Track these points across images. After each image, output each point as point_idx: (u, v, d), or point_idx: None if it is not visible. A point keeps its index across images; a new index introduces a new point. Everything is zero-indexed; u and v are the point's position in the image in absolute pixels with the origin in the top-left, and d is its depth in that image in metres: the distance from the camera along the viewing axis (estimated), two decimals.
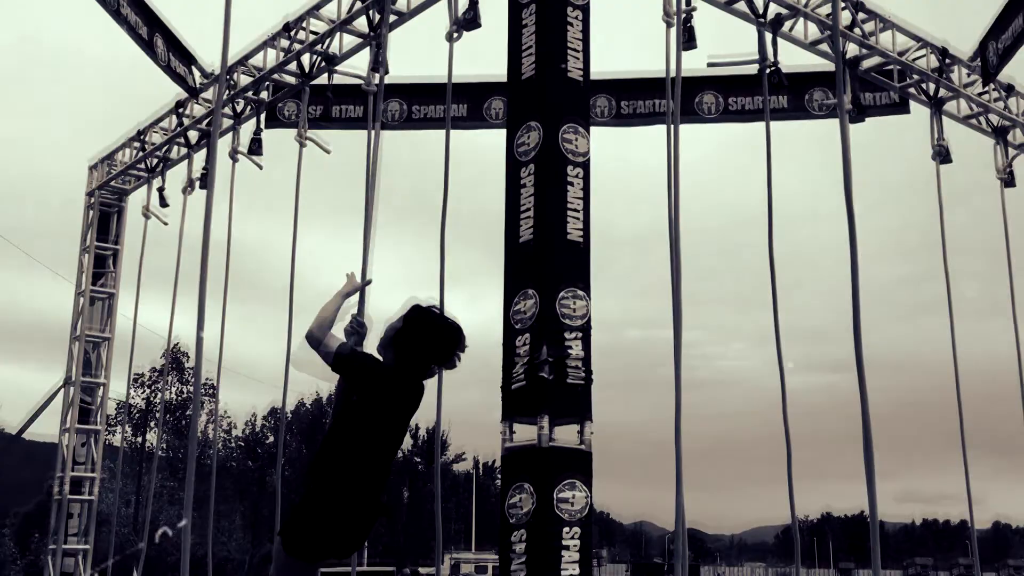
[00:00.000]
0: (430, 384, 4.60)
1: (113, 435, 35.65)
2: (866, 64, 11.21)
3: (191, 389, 47.62)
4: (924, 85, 11.74)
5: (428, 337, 4.34)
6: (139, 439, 46.40)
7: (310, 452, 50.83)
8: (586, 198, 7.30)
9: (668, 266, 8.30)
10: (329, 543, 4.19)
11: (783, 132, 10.17)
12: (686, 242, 8.22)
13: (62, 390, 14.16)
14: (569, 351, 6.82)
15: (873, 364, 6.83)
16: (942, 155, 11.75)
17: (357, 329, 4.59)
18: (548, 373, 6.69)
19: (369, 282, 5.33)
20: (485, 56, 10.65)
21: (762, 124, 10.34)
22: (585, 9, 7.73)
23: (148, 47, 11.26)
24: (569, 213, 7.16)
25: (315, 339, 4.28)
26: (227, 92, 11.95)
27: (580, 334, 6.92)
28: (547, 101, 7.36)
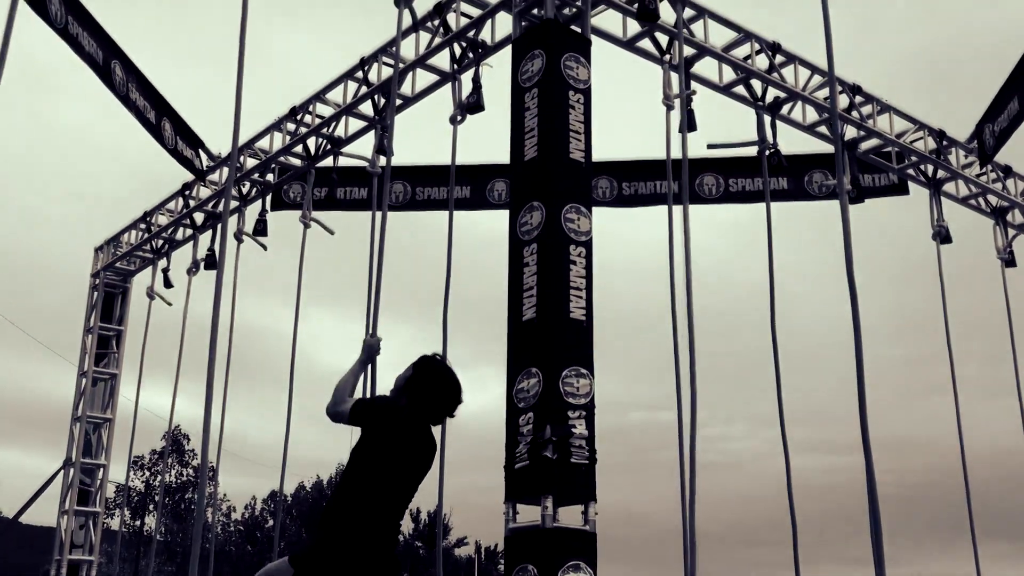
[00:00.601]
0: (432, 469, 4.61)
1: (111, 519, 35.25)
2: (864, 146, 11.36)
3: (191, 472, 47.25)
4: (922, 167, 11.87)
5: (436, 383, 4.45)
6: (137, 523, 45.82)
7: (310, 537, 50.14)
8: (589, 277, 7.35)
9: (670, 347, 8.26)
10: None
11: (783, 214, 10.29)
12: (683, 322, 8.18)
13: (61, 472, 14.04)
14: (573, 430, 6.78)
15: (877, 446, 6.77)
16: (942, 235, 11.83)
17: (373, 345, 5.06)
18: (552, 452, 6.64)
19: (379, 340, 5.37)
20: (487, 138, 10.82)
21: (762, 205, 10.43)
22: (586, 93, 7.88)
23: (156, 131, 11.44)
24: (572, 292, 7.19)
25: (332, 413, 4.53)
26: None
27: (584, 413, 6.90)
28: (549, 182, 7.45)
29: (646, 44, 9.30)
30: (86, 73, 9.94)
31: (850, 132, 11.07)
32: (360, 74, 10.48)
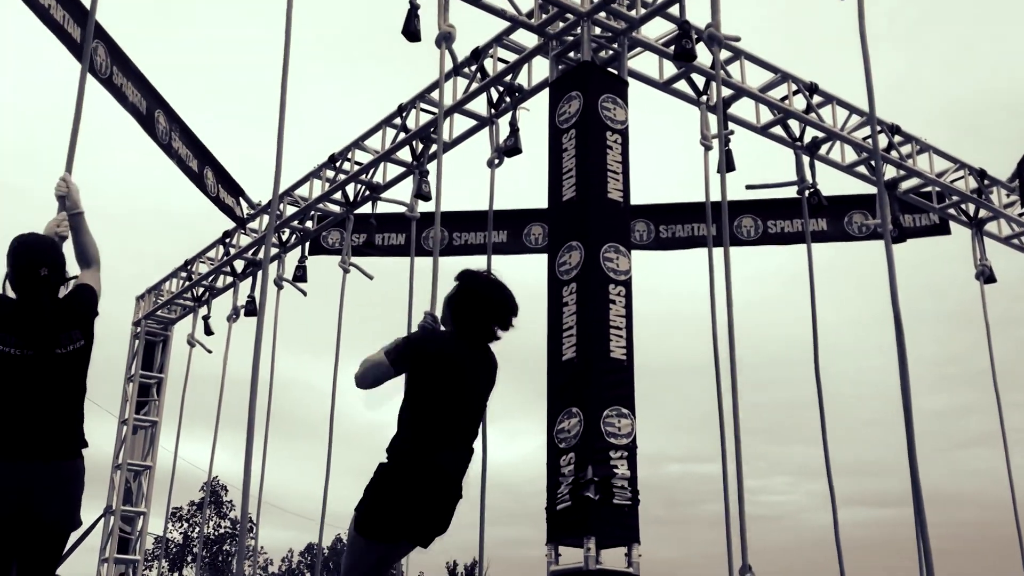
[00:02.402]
0: (471, 521, 4.48)
1: (150, 571, 35.23)
2: (905, 186, 11.28)
3: (229, 524, 47.25)
4: (964, 206, 11.76)
5: (481, 294, 4.22)
6: (175, 575, 45.78)
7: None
8: (629, 316, 7.31)
9: (706, 397, 8.09)
10: (400, 519, 3.97)
11: (819, 262, 10.11)
12: (725, 372, 8.01)
13: (100, 522, 14.06)
14: (615, 471, 6.71)
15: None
16: (986, 275, 11.67)
17: (432, 324, 4.47)
18: (594, 493, 6.57)
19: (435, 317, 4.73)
20: (522, 184, 10.86)
21: (799, 249, 10.36)
22: (624, 133, 7.90)
23: (198, 180, 11.59)
24: (612, 331, 7.15)
25: (361, 380, 4.15)
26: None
27: (626, 453, 6.82)
28: (588, 222, 7.46)
29: (682, 86, 9.33)
30: (127, 127, 10.13)
31: (890, 172, 10.98)
32: (398, 120, 10.59)
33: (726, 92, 9.43)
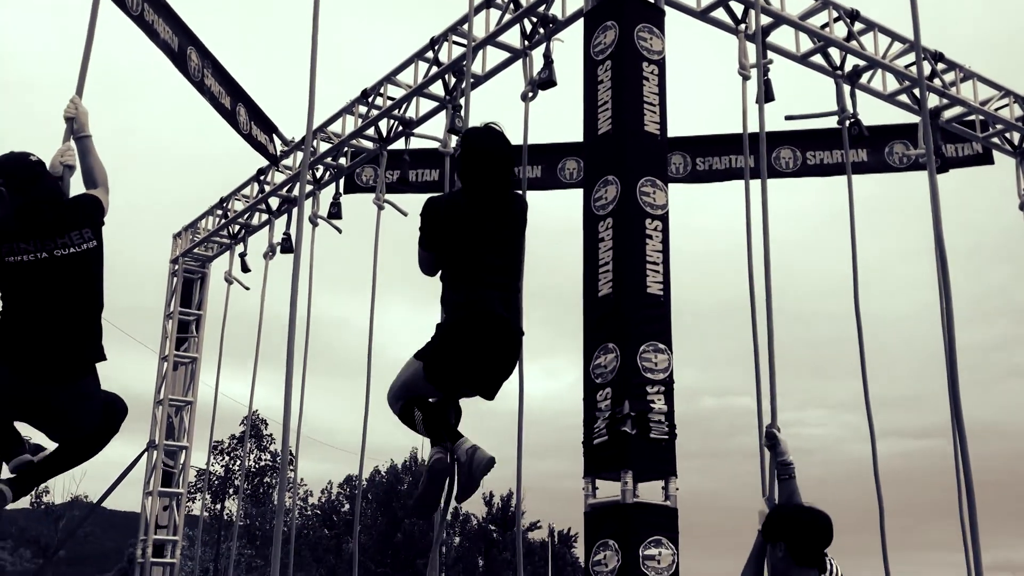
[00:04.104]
0: (508, 455, 4.66)
1: (193, 502, 35.99)
2: (947, 115, 11.03)
3: (269, 457, 48.10)
4: (1008, 135, 11.50)
5: (474, 146, 4.56)
6: (218, 507, 46.80)
7: (385, 519, 50.75)
8: (665, 251, 7.24)
9: (742, 331, 7.99)
10: (462, 372, 4.39)
11: (858, 195, 9.89)
12: (760, 305, 7.91)
13: (144, 456, 14.33)
14: (652, 405, 6.70)
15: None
16: None
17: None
18: (631, 428, 6.57)
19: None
20: (556, 118, 10.71)
21: (836, 182, 10.18)
22: (661, 64, 7.75)
23: (231, 117, 11.56)
24: (648, 266, 7.09)
25: (424, 273, 4.72)
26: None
27: (662, 388, 6.81)
28: (624, 155, 7.35)
29: (720, 14, 9.12)
30: (158, 70, 10.08)
31: (932, 100, 10.73)
32: (430, 54, 10.46)
33: (765, 20, 9.21)
